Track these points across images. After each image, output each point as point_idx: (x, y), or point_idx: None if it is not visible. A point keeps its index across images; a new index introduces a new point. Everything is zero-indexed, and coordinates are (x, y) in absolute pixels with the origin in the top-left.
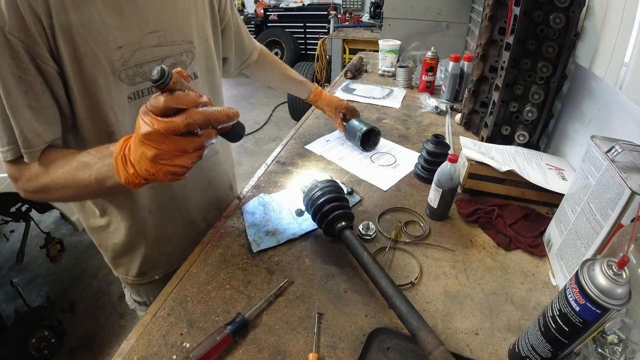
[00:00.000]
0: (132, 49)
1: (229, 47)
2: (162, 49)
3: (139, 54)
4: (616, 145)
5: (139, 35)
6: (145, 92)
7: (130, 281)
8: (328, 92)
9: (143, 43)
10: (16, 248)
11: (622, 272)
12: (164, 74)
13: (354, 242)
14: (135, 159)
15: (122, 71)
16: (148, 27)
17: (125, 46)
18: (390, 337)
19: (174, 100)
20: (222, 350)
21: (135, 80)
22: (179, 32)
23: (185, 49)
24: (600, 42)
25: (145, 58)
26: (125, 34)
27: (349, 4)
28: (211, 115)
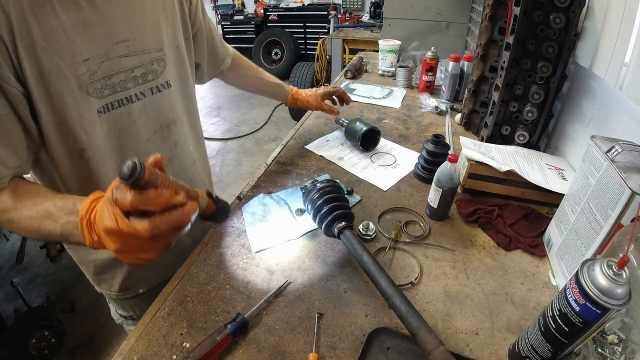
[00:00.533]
0: (98, 61)
1: (201, 52)
2: (131, 59)
3: (107, 66)
4: (616, 145)
5: (106, 46)
6: (116, 105)
7: (114, 296)
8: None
9: (110, 54)
10: (16, 248)
11: (622, 272)
12: (135, 171)
13: (354, 242)
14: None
15: (89, 85)
16: (115, 37)
17: (92, 58)
18: (390, 337)
19: (142, 202)
20: (222, 350)
21: (103, 93)
22: (149, 40)
23: (156, 57)
24: (600, 42)
25: (113, 69)
26: (90, 45)
27: (349, 4)
28: (181, 221)
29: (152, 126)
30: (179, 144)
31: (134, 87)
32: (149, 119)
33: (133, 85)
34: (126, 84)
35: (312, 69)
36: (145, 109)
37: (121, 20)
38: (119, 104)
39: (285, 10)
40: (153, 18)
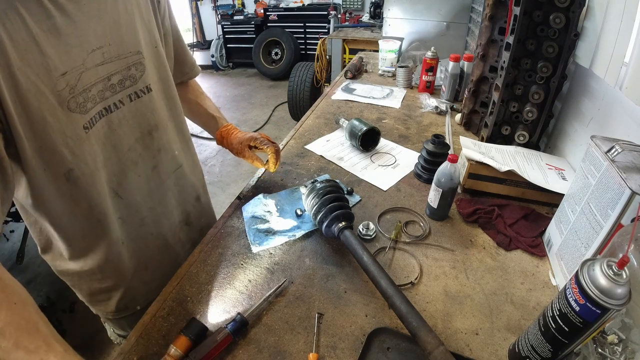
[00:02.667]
0: (77, 73)
1: (168, 54)
2: (107, 66)
3: (85, 77)
4: (616, 145)
5: (82, 56)
6: (98, 118)
7: (111, 317)
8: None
9: (87, 64)
10: (16, 248)
11: (622, 272)
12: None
13: (354, 242)
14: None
15: (70, 100)
16: (89, 45)
17: (69, 71)
18: (390, 337)
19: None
20: (222, 350)
21: (86, 107)
22: (125, 44)
23: (133, 62)
24: (600, 42)
25: (91, 80)
26: (66, 58)
27: (349, 4)
28: None
29: (132, 135)
30: (162, 149)
31: (112, 95)
32: (129, 128)
33: (111, 94)
34: (104, 93)
35: (312, 69)
36: (125, 117)
37: (94, 26)
38: (100, 116)
39: (285, 10)
40: (127, 20)
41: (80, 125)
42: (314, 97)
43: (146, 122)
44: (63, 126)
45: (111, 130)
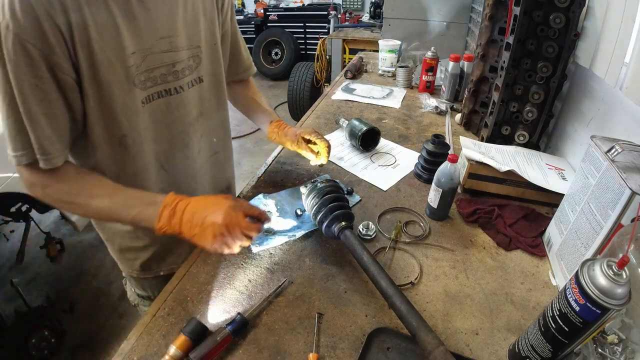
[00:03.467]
0: (143, 55)
1: (224, 53)
2: (171, 55)
3: (150, 60)
4: (616, 145)
5: (150, 41)
6: (156, 96)
7: (135, 275)
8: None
9: (154, 49)
10: (16, 248)
11: (622, 272)
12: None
13: (354, 242)
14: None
15: (135, 76)
16: (159, 33)
17: (137, 52)
18: (390, 337)
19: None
20: (222, 350)
21: (146, 84)
22: (188, 37)
23: (192, 54)
24: (600, 42)
25: (155, 64)
26: (137, 40)
27: (349, 4)
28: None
29: (187, 118)
30: (204, 135)
31: (173, 80)
32: (185, 111)
33: (173, 79)
34: (166, 77)
35: (312, 69)
36: (182, 102)
37: (164, 17)
38: (159, 96)
39: (285, 10)
40: (193, 16)
41: (139, 99)
42: (314, 97)
43: (196, 109)
44: (125, 97)
45: (169, 111)
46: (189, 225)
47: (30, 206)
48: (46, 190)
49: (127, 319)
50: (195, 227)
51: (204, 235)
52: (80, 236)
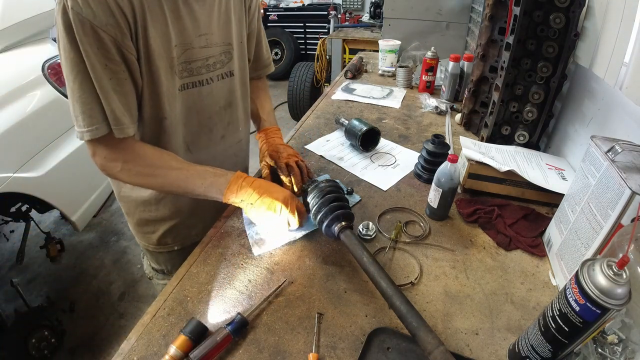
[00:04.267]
0: (184, 48)
1: (249, 51)
2: (207, 50)
3: (189, 53)
4: (616, 145)
5: (191, 37)
6: (190, 86)
7: (151, 249)
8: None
9: (194, 44)
10: (16, 248)
11: (622, 272)
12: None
13: (354, 242)
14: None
15: (176, 66)
16: (199, 30)
17: (179, 45)
18: (390, 337)
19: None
20: (222, 350)
21: (183, 74)
22: (221, 35)
23: (225, 50)
24: (600, 42)
25: (193, 57)
26: (180, 34)
27: (349, 4)
28: None
29: (214, 107)
30: (231, 123)
31: (206, 73)
32: (213, 100)
33: (206, 71)
34: (201, 69)
35: (312, 69)
36: (211, 92)
37: (204, 17)
38: (193, 85)
39: (285, 10)
40: (226, 16)
41: (177, 86)
42: (314, 97)
43: (225, 99)
44: (168, 83)
45: (200, 99)
46: (250, 195)
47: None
48: (127, 164)
49: (127, 319)
50: (255, 197)
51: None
52: (80, 236)
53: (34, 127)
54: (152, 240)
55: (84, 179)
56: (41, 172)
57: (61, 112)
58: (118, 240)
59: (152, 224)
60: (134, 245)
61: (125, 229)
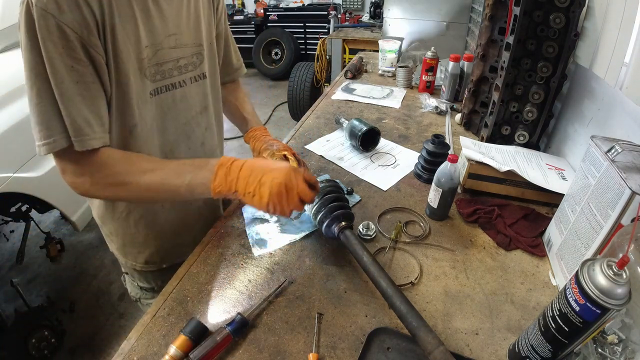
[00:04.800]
0: (154, 49)
1: (218, 53)
2: (178, 51)
3: (160, 54)
4: (616, 145)
5: (161, 37)
6: (163, 89)
7: (139, 268)
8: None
9: (164, 44)
10: (16, 248)
11: (622, 272)
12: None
13: (354, 242)
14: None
15: (147, 69)
16: (168, 30)
17: (150, 46)
18: (390, 337)
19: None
20: (222, 350)
21: (155, 77)
22: (191, 35)
23: (196, 52)
24: (600, 42)
25: (164, 58)
26: (150, 35)
27: (349, 4)
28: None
29: (189, 111)
30: (208, 128)
31: (178, 75)
32: (187, 105)
33: (177, 73)
34: (172, 72)
35: (312, 69)
36: (185, 96)
37: (173, 16)
38: (166, 89)
39: (285, 10)
40: (196, 17)
41: (148, 90)
42: (314, 97)
43: (200, 103)
44: (138, 87)
45: (174, 104)
46: (245, 182)
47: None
48: (94, 177)
49: (127, 319)
50: (252, 183)
51: (261, 192)
52: (80, 236)
53: None
54: (139, 260)
55: None
56: (41, 172)
57: None
58: None
59: (137, 245)
60: None
61: None
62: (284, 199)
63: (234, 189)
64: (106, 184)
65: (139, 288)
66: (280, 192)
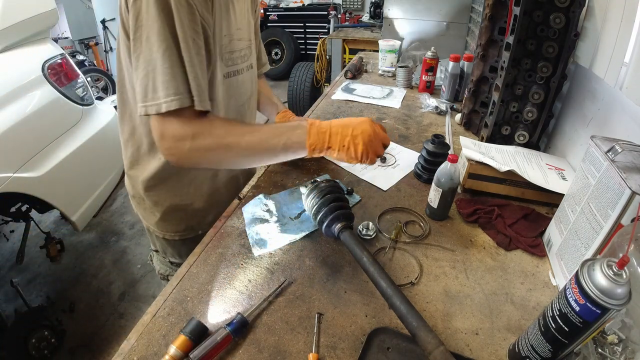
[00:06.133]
0: (229, 39)
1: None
2: (240, 43)
3: (232, 44)
4: (616, 145)
5: (233, 29)
6: (232, 74)
7: (178, 237)
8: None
9: (234, 36)
10: (16, 248)
11: (622, 272)
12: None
13: (354, 242)
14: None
15: (224, 54)
16: (237, 24)
17: (227, 35)
18: (390, 337)
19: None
20: (222, 350)
21: (228, 63)
22: (246, 31)
23: (248, 45)
24: (600, 42)
25: (234, 47)
26: (228, 26)
27: (349, 4)
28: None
29: (244, 96)
30: (253, 112)
31: (241, 63)
32: (244, 90)
33: (240, 62)
34: (237, 60)
35: (312, 69)
36: (243, 81)
37: (239, 13)
38: (234, 74)
39: (285, 10)
40: (247, 16)
41: (222, 73)
42: (314, 97)
43: (250, 89)
44: (217, 67)
45: (237, 87)
46: (339, 137)
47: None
48: (197, 140)
49: (127, 319)
50: (346, 137)
51: (355, 144)
52: (80, 236)
53: (34, 127)
54: (180, 227)
55: (84, 179)
56: (41, 172)
57: (61, 112)
58: (118, 240)
59: (178, 211)
60: (134, 245)
61: (125, 229)
62: (375, 145)
63: (327, 144)
64: (206, 147)
65: (169, 264)
66: (371, 140)
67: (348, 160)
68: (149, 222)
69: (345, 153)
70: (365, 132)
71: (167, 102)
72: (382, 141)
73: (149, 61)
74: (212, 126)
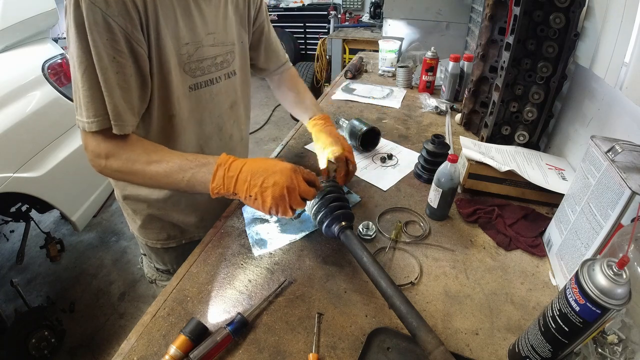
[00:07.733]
0: (195, 46)
1: (257, 46)
2: (215, 49)
3: (200, 51)
4: (616, 145)
5: (201, 35)
6: (202, 85)
7: (159, 245)
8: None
9: (203, 42)
10: (16, 248)
11: (622, 272)
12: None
13: (354, 242)
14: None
15: (186, 64)
16: (207, 29)
17: (191, 43)
18: (390, 337)
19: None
20: (222, 350)
21: (195, 73)
22: (226, 35)
23: (229, 50)
24: (600, 42)
25: (203, 55)
26: (190, 33)
27: (349, 4)
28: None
29: (223, 105)
30: (236, 122)
31: (215, 71)
32: (221, 99)
33: (215, 70)
34: (210, 68)
35: (312, 69)
36: (220, 91)
37: (211, 16)
38: (205, 84)
39: (285, 10)
40: (230, 18)
41: (187, 85)
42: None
43: (231, 98)
44: (177, 81)
45: (211, 98)
46: (246, 186)
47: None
48: (109, 160)
49: (127, 319)
50: (254, 187)
51: (263, 197)
52: (80, 236)
53: (34, 127)
54: (161, 236)
55: (84, 179)
56: (41, 172)
57: (61, 112)
58: (118, 240)
59: (159, 220)
60: (134, 245)
61: (125, 229)
62: (286, 201)
63: (233, 190)
64: (116, 169)
65: (156, 270)
66: (283, 195)
67: (260, 211)
68: (132, 227)
69: (252, 203)
70: (278, 184)
71: (89, 122)
72: (301, 194)
73: (74, 80)
74: (126, 149)
